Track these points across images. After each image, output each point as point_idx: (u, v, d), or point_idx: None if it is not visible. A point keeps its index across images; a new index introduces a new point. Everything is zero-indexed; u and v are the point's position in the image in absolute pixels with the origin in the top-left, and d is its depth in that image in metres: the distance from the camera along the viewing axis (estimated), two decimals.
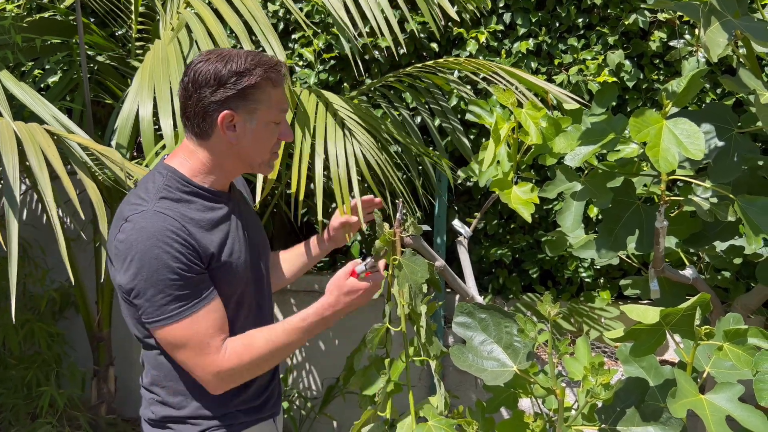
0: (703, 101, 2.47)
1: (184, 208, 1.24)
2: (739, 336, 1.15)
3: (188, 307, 1.20)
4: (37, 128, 1.66)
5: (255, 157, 1.30)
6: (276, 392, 1.43)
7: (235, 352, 1.24)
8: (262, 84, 1.24)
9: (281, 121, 1.31)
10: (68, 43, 2.50)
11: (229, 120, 1.24)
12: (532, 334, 1.28)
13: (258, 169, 1.33)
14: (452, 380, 2.71)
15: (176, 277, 1.18)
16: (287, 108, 1.31)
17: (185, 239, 1.20)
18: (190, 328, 1.20)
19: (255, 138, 1.27)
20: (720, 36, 1.32)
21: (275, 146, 1.32)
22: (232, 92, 1.22)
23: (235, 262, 1.29)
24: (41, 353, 2.82)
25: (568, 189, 1.61)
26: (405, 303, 1.46)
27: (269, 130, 1.28)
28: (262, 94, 1.24)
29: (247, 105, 1.24)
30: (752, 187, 1.61)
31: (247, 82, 1.22)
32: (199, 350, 1.22)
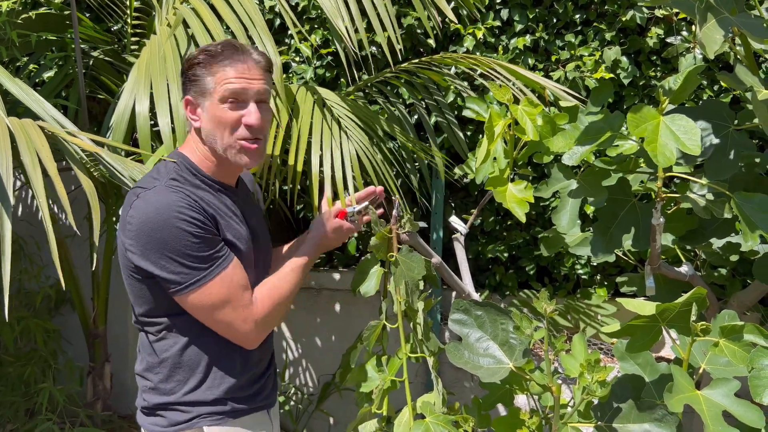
0: (700, 98, 2.47)
1: (194, 190, 1.29)
2: (735, 332, 1.16)
3: (218, 264, 1.24)
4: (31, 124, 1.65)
5: (218, 141, 1.29)
6: (270, 384, 1.44)
7: (264, 298, 1.31)
8: (203, 64, 1.28)
9: (242, 105, 1.28)
10: (63, 39, 2.49)
11: (189, 106, 1.31)
12: (528, 331, 1.28)
13: (230, 157, 1.30)
14: (448, 377, 2.71)
15: (198, 240, 1.21)
16: (242, 87, 1.27)
17: (197, 207, 1.24)
18: (224, 284, 1.24)
19: (210, 120, 1.29)
20: (716, 33, 1.32)
21: (236, 130, 1.28)
22: (185, 78, 1.31)
23: (240, 251, 1.31)
24: (37, 350, 2.81)
25: (564, 188, 1.61)
26: (402, 300, 1.46)
27: (223, 111, 1.27)
28: (206, 74, 1.28)
29: (196, 88, 1.29)
30: (748, 184, 1.61)
31: (190, 63, 1.29)
32: (236, 304, 1.26)
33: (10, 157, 1.46)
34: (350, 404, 2.74)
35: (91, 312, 2.59)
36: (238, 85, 1.27)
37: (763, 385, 1.09)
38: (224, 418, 1.32)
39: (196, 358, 1.31)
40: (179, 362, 1.30)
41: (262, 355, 1.43)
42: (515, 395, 1.49)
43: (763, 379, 1.09)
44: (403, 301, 1.46)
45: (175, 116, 1.68)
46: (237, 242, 1.31)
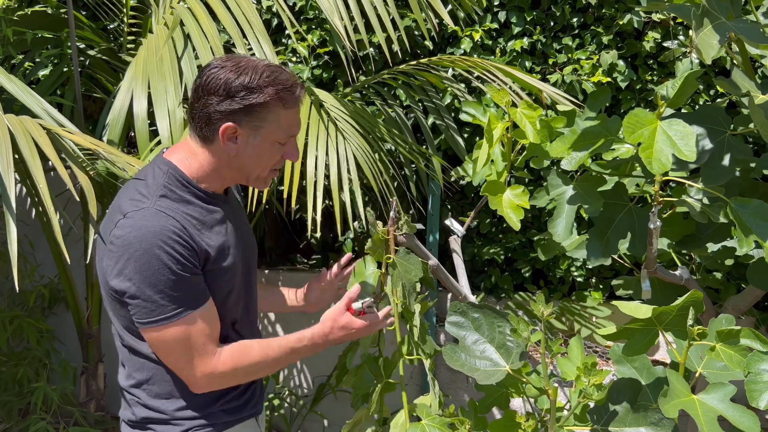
0: (696, 103, 2.48)
1: (183, 208, 1.23)
2: (732, 337, 1.16)
3: (187, 308, 1.19)
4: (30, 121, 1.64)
5: (252, 172, 1.28)
6: (258, 391, 1.42)
7: (230, 356, 1.25)
8: (271, 104, 1.20)
9: (287, 142, 1.28)
10: (59, 37, 2.48)
11: (231, 132, 1.22)
12: (525, 334, 1.28)
13: (253, 183, 1.31)
14: (443, 379, 2.71)
15: (175, 277, 1.17)
16: (297, 131, 1.28)
17: (185, 239, 1.19)
18: (187, 329, 1.19)
19: (256, 155, 1.25)
20: (713, 38, 1.32)
21: (277, 164, 1.30)
22: (237, 106, 1.19)
23: (229, 265, 1.28)
24: (31, 349, 2.79)
25: (560, 195, 1.60)
26: (398, 301, 1.46)
27: (272, 149, 1.25)
28: (269, 114, 1.21)
29: (251, 122, 1.21)
30: (744, 189, 1.62)
31: (255, 100, 1.19)
32: (194, 351, 1.21)
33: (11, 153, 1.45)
34: (345, 406, 2.73)
35: (85, 312, 2.57)
36: (296, 131, 1.28)
37: (759, 389, 1.09)
38: (216, 429, 1.31)
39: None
40: (169, 381, 1.28)
41: None
42: (511, 398, 1.49)
43: (759, 384, 1.09)
44: (400, 303, 1.46)
45: (171, 118, 1.67)
46: (223, 255, 1.27)
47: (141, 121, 1.73)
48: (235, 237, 1.32)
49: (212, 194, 1.29)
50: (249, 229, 1.43)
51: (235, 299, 1.32)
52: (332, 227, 2.89)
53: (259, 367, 1.29)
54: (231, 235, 1.31)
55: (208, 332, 1.22)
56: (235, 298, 1.32)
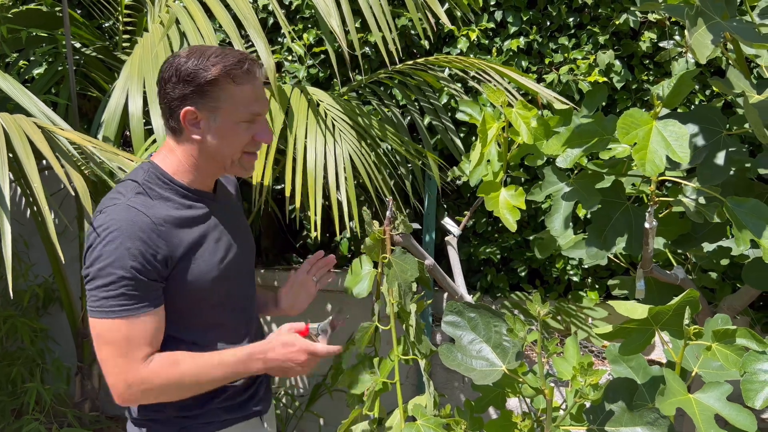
0: (692, 102, 2.49)
1: (160, 205, 1.23)
2: (728, 336, 1.16)
3: (129, 308, 1.17)
4: (24, 120, 1.63)
5: (224, 157, 1.27)
6: (261, 390, 1.41)
7: (158, 366, 1.20)
8: (220, 81, 1.21)
9: (255, 121, 1.27)
10: (54, 35, 2.46)
11: (192, 117, 1.23)
12: (522, 334, 1.28)
13: (231, 170, 1.30)
14: (439, 379, 2.71)
15: (128, 276, 1.16)
16: (261, 108, 1.27)
17: (151, 240, 1.18)
18: (121, 329, 1.18)
19: (221, 137, 1.25)
20: (707, 38, 1.32)
21: (249, 146, 1.28)
22: (190, 89, 1.21)
23: (207, 263, 1.27)
24: (24, 349, 2.78)
25: (557, 191, 1.61)
26: (394, 301, 1.45)
27: (237, 129, 1.25)
28: (221, 92, 1.22)
29: (207, 102, 1.22)
30: (739, 189, 1.62)
31: (203, 79, 1.20)
32: (122, 353, 1.18)
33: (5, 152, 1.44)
34: (341, 405, 2.73)
35: (80, 311, 2.56)
36: (258, 108, 1.26)
37: (755, 389, 1.09)
38: (216, 427, 1.30)
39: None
40: None
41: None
42: (507, 398, 1.48)
43: (755, 383, 1.09)
44: (396, 303, 1.45)
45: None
46: (202, 258, 1.26)
47: (136, 120, 1.72)
48: (218, 235, 1.31)
49: (195, 191, 1.29)
50: (245, 232, 1.41)
51: (218, 300, 1.30)
52: (328, 227, 2.89)
53: (189, 382, 1.22)
54: (214, 231, 1.30)
55: (142, 341, 1.19)
56: (218, 299, 1.30)
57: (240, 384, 1.34)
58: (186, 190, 1.28)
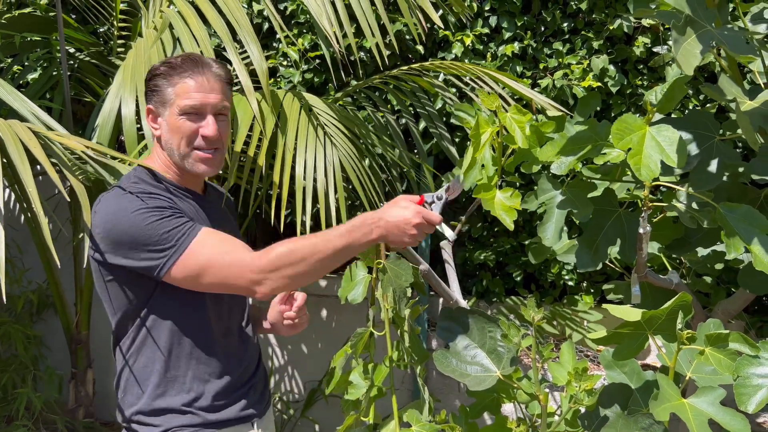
0: (685, 107, 2.50)
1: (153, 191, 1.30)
2: (721, 341, 1.16)
3: (185, 236, 1.22)
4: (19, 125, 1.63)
5: (173, 150, 1.33)
6: (255, 393, 1.41)
7: (274, 246, 1.22)
8: (165, 74, 1.30)
9: (201, 115, 1.31)
10: (48, 40, 2.46)
11: (152, 116, 1.35)
12: (516, 339, 1.28)
13: (187, 166, 1.33)
14: (435, 384, 2.70)
15: (157, 221, 1.21)
16: (201, 102, 1.30)
17: (154, 196, 1.26)
18: (199, 251, 1.21)
19: (168, 130, 1.32)
20: (696, 48, 1.32)
21: (194, 141, 1.31)
22: (147, 88, 1.34)
23: None
24: (17, 356, 2.76)
25: (550, 199, 1.61)
26: (389, 307, 1.45)
27: (179, 122, 1.31)
28: (165, 86, 1.31)
29: (157, 98, 1.32)
30: (732, 194, 1.62)
31: (152, 74, 1.32)
32: (221, 262, 1.21)
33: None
34: (336, 411, 2.72)
35: (74, 317, 2.55)
36: (196, 100, 1.30)
37: (748, 393, 1.09)
38: (199, 430, 1.29)
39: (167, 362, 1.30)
40: (150, 379, 1.30)
41: (242, 360, 1.39)
42: (502, 403, 1.48)
43: (748, 388, 1.09)
44: (391, 309, 1.45)
45: None
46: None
47: (129, 123, 1.72)
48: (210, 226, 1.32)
49: (184, 189, 1.36)
50: (234, 233, 1.41)
51: (204, 302, 1.31)
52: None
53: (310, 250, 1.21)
54: (204, 224, 1.32)
55: (224, 243, 1.23)
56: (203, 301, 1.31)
57: (225, 385, 1.33)
58: (173, 186, 1.35)
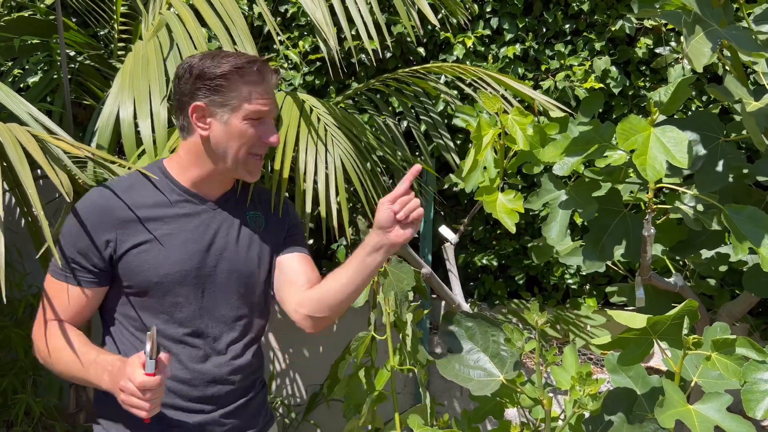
0: (689, 108, 2.49)
1: (143, 193, 1.29)
2: (727, 346, 1.15)
3: (60, 272, 1.28)
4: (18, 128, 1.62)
5: (228, 154, 1.28)
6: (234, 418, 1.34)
7: (52, 332, 1.27)
8: (230, 77, 1.25)
9: (263, 122, 1.28)
10: (48, 43, 2.45)
11: (200, 112, 1.27)
12: (519, 344, 1.27)
13: (234, 170, 1.30)
14: (437, 387, 2.69)
15: (66, 243, 1.27)
16: (268, 108, 1.29)
17: (101, 224, 1.26)
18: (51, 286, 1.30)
19: (227, 133, 1.27)
20: (704, 46, 1.31)
21: (254, 147, 1.29)
22: (200, 84, 1.25)
23: (156, 261, 1.27)
24: (18, 360, 2.75)
25: (554, 199, 1.60)
26: (391, 311, 1.44)
27: (243, 127, 1.27)
28: (230, 88, 1.25)
29: (215, 98, 1.26)
30: (737, 195, 1.61)
31: (213, 74, 1.25)
32: (49, 309, 1.29)
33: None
34: (338, 415, 2.70)
35: None
36: (264, 107, 1.28)
37: (755, 399, 1.08)
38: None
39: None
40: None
41: (193, 373, 1.31)
42: (506, 408, 1.47)
43: (755, 393, 1.08)
44: (392, 312, 1.44)
45: (155, 120, 1.65)
46: (156, 249, 1.27)
47: (127, 126, 1.71)
48: (194, 242, 1.29)
49: (187, 191, 1.32)
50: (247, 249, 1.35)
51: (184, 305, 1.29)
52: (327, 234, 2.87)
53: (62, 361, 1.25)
54: (189, 235, 1.29)
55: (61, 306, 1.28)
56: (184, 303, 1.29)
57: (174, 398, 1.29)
58: (177, 187, 1.31)
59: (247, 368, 1.36)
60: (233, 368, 1.34)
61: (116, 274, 1.28)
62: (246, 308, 1.35)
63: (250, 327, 1.37)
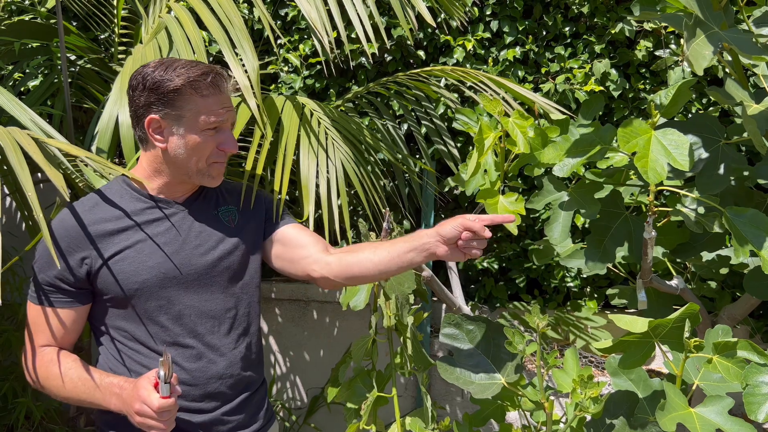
0: (689, 111, 2.49)
1: (105, 207, 1.30)
2: (729, 349, 1.14)
3: (40, 297, 1.28)
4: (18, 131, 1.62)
5: (188, 165, 1.29)
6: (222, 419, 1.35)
7: (42, 359, 1.29)
8: (184, 91, 1.25)
9: (220, 130, 1.29)
10: (49, 47, 2.46)
11: (156, 125, 1.28)
12: (521, 347, 1.26)
13: (196, 178, 1.31)
14: (438, 390, 2.68)
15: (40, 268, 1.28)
16: (224, 118, 1.29)
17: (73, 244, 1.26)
18: (32, 313, 1.30)
19: (184, 146, 1.28)
20: (705, 49, 1.31)
21: (215, 155, 1.30)
22: (154, 97, 1.25)
23: (133, 268, 1.28)
24: (18, 364, 2.75)
25: (556, 200, 1.60)
26: (391, 314, 1.44)
27: (200, 138, 1.27)
28: (185, 101, 1.25)
29: (170, 111, 1.26)
30: (739, 198, 1.61)
31: (167, 88, 1.24)
32: (28, 333, 1.30)
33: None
34: (339, 418, 2.70)
35: None
36: (219, 118, 1.28)
37: (757, 402, 1.07)
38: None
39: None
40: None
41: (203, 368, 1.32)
42: (507, 411, 1.46)
43: (757, 396, 1.08)
44: (393, 316, 1.44)
45: None
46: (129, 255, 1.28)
47: (126, 128, 1.71)
48: (168, 241, 1.31)
49: (151, 196, 1.33)
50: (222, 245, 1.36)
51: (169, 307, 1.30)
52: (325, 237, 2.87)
53: (57, 386, 1.27)
54: (162, 237, 1.30)
55: (45, 333, 1.28)
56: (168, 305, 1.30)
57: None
58: (142, 195, 1.33)
59: (244, 360, 1.38)
60: (229, 362, 1.35)
61: (96, 290, 1.29)
62: (232, 300, 1.37)
63: (240, 318, 1.38)
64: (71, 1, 2.51)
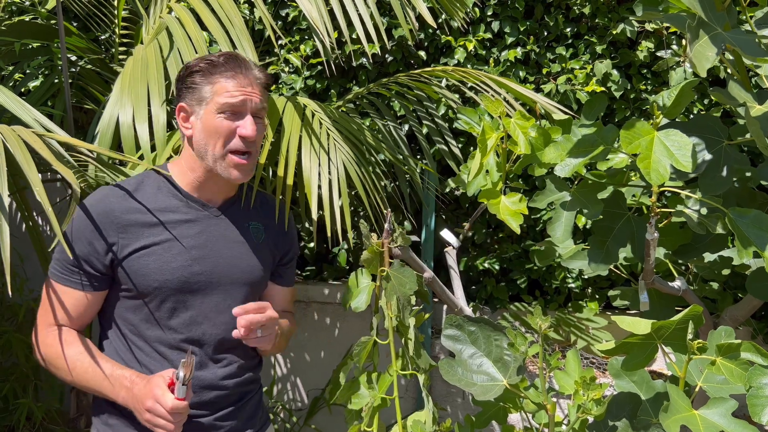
0: (690, 112, 2.48)
1: (141, 195, 1.29)
2: (732, 350, 1.14)
3: (61, 275, 1.27)
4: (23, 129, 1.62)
5: (206, 151, 1.28)
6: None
7: (54, 339, 1.27)
8: (202, 72, 1.27)
9: (238, 116, 1.27)
10: (49, 47, 2.45)
11: (184, 114, 1.30)
12: (523, 348, 1.26)
13: (219, 171, 1.29)
14: (439, 391, 2.68)
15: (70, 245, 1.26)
16: (241, 101, 1.27)
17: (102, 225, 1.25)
18: (50, 290, 1.29)
19: (205, 130, 1.28)
20: (709, 50, 1.30)
21: (230, 141, 1.28)
22: (181, 84, 1.30)
23: (157, 266, 1.26)
24: (18, 365, 2.75)
25: (558, 199, 1.60)
26: (393, 315, 1.43)
27: (219, 122, 1.27)
28: (203, 83, 1.27)
29: (192, 95, 1.28)
30: (741, 199, 1.61)
31: (188, 71, 1.28)
32: (43, 310, 1.29)
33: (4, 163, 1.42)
34: (340, 420, 2.69)
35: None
36: (236, 99, 1.26)
37: (761, 404, 1.07)
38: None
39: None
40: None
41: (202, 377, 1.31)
42: (509, 413, 1.46)
43: (761, 398, 1.07)
44: (395, 317, 1.43)
45: (154, 123, 1.65)
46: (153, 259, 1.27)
47: (126, 129, 1.71)
48: (194, 244, 1.29)
49: (188, 195, 1.32)
50: (247, 259, 1.36)
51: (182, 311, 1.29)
52: (326, 238, 2.87)
53: (67, 370, 1.26)
54: (186, 240, 1.29)
55: (61, 310, 1.27)
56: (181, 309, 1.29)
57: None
58: (179, 192, 1.32)
59: (243, 374, 1.37)
60: (229, 374, 1.34)
61: (116, 278, 1.28)
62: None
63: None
64: (72, 2, 2.50)
